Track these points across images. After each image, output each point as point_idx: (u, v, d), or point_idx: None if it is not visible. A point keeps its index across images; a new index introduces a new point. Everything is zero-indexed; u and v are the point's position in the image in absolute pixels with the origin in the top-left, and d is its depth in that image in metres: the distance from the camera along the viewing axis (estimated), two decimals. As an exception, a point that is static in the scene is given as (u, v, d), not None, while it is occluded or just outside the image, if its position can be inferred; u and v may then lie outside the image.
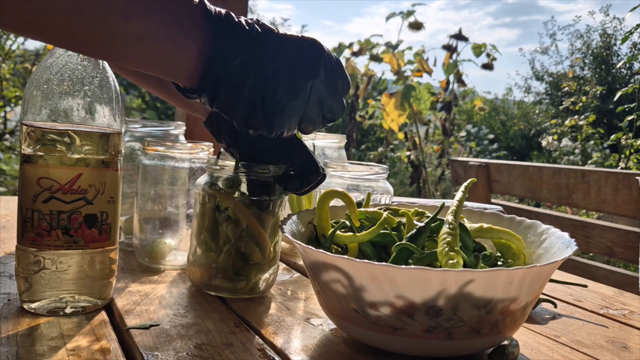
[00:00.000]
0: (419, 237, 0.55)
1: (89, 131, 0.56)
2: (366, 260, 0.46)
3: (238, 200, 0.63)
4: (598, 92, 5.47)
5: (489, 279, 0.45)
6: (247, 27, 0.50)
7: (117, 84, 0.58)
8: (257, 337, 0.54)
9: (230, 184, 0.64)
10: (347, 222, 0.62)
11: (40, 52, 5.26)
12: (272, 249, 0.65)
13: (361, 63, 10.42)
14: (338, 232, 0.58)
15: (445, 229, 0.54)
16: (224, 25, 0.49)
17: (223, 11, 0.49)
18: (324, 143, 0.95)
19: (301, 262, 0.81)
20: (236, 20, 0.50)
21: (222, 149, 0.71)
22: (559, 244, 0.55)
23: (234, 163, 0.64)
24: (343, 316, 0.51)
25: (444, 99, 3.84)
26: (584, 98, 5.29)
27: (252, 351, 0.51)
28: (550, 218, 1.95)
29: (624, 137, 3.09)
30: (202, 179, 0.66)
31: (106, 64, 0.58)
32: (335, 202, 0.62)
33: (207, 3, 0.49)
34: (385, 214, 0.59)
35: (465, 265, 0.52)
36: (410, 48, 3.73)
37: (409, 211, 0.61)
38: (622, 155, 3.10)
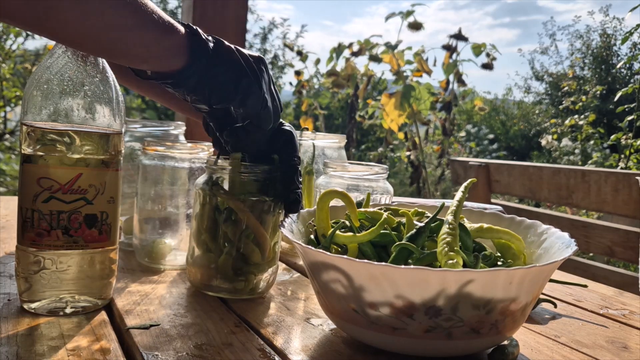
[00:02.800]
0: (418, 237, 0.55)
1: (89, 131, 0.56)
2: (366, 260, 0.46)
3: (239, 201, 0.63)
4: (598, 91, 5.46)
5: (489, 279, 0.45)
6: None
7: (117, 84, 0.58)
8: (257, 337, 0.54)
9: (231, 185, 0.64)
10: (347, 222, 0.62)
11: (40, 52, 5.26)
12: (271, 249, 0.65)
13: (361, 63, 10.43)
14: (338, 232, 0.58)
15: (445, 229, 0.54)
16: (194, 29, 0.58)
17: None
18: (324, 143, 0.95)
19: (301, 262, 0.81)
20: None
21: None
22: (559, 244, 0.55)
23: (236, 164, 0.64)
24: (343, 316, 0.51)
25: (444, 99, 3.83)
26: (583, 98, 5.29)
27: (252, 351, 0.51)
28: (550, 218, 1.95)
29: (624, 137, 3.09)
30: (201, 179, 0.66)
31: (106, 64, 0.58)
32: (335, 202, 0.62)
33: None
34: (385, 214, 0.59)
35: (465, 266, 0.52)
36: (409, 48, 3.73)
37: (409, 211, 0.61)
38: (622, 155, 3.10)
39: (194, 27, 0.57)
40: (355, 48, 3.85)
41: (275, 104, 0.63)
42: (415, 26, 3.58)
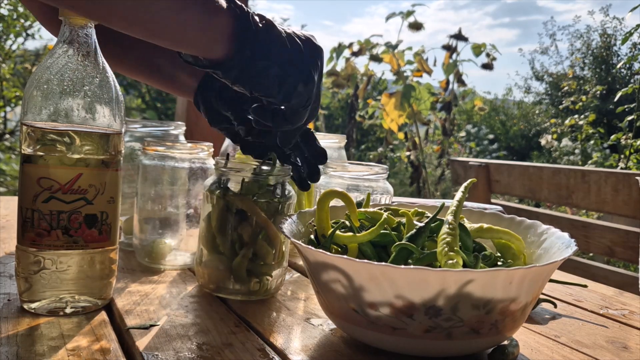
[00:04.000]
0: (418, 237, 0.55)
1: (89, 131, 0.56)
2: (365, 260, 0.46)
3: (254, 203, 0.63)
4: (598, 91, 5.46)
5: (489, 279, 0.45)
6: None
7: (117, 84, 0.58)
8: (257, 337, 0.54)
9: (247, 187, 0.64)
10: (347, 222, 0.62)
11: (40, 53, 5.26)
12: (280, 249, 0.65)
13: (361, 63, 10.43)
14: (338, 232, 0.58)
15: (444, 229, 0.54)
16: (243, 11, 0.54)
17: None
18: (324, 143, 0.95)
19: (301, 262, 0.81)
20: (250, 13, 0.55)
21: (230, 151, 0.70)
22: (559, 244, 0.55)
23: (247, 165, 0.64)
24: (343, 316, 0.51)
25: (444, 99, 3.83)
26: (583, 98, 5.29)
27: (252, 351, 0.51)
28: (550, 218, 1.95)
29: (624, 137, 3.09)
30: (210, 181, 0.66)
31: (106, 64, 0.58)
32: (335, 202, 0.62)
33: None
34: (385, 214, 0.59)
35: (464, 266, 0.52)
36: (410, 48, 3.73)
37: (409, 211, 0.61)
38: (622, 156, 3.10)
39: (245, 8, 0.54)
40: (356, 48, 3.84)
41: (316, 105, 0.60)
42: (416, 26, 3.58)
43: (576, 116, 4.80)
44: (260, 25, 0.54)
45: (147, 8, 0.50)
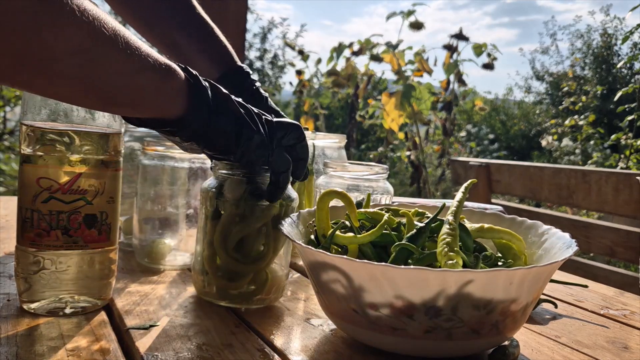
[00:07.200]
0: (418, 238, 0.55)
1: (88, 131, 0.56)
2: (365, 261, 0.46)
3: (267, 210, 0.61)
4: (598, 91, 5.46)
5: (489, 280, 0.45)
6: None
7: (116, 84, 0.58)
8: (257, 337, 0.54)
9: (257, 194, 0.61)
10: (347, 223, 0.61)
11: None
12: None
13: (361, 63, 10.42)
14: (338, 233, 0.58)
15: (445, 229, 0.54)
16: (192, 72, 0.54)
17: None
18: (324, 143, 0.95)
19: (301, 262, 0.81)
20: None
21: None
22: (560, 245, 0.55)
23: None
24: (343, 316, 0.50)
25: (445, 99, 3.83)
26: (584, 98, 5.29)
27: (252, 351, 0.51)
28: (551, 218, 1.94)
29: (624, 137, 3.09)
30: (211, 183, 0.63)
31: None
32: (336, 202, 0.62)
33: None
34: (386, 215, 0.59)
35: (465, 266, 0.52)
36: (410, 48, 3.72)
37: (409, 212, 0.61)
38: (622, 155, 3.10)
39: (193, 71, 0.53)
40: (356, 47, 3.84)
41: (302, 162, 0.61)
42: (417, 26, 3.58)
43: (576, 116, 4.80)
44: (208, 86, 0.54)
45: (101, 76, 0.45)
